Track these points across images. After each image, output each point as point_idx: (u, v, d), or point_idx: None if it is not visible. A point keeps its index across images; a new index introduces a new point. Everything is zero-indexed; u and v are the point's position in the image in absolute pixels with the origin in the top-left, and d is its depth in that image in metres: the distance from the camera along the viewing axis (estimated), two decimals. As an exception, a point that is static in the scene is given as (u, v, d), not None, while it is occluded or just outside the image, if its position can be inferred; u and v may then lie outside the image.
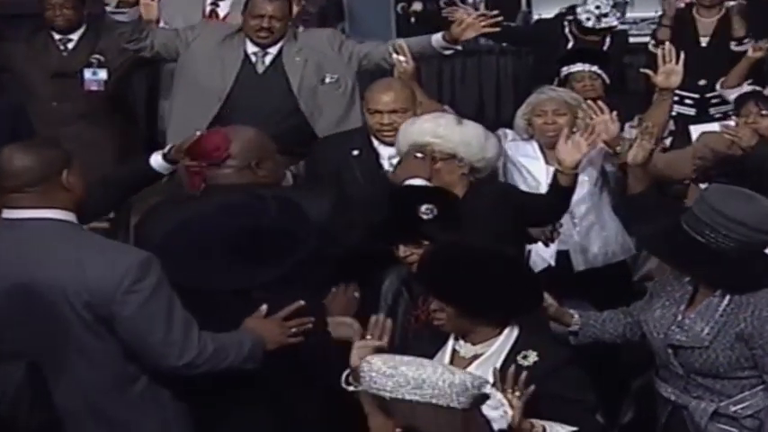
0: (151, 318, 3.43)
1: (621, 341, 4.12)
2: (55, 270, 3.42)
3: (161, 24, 6.15)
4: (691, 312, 3.80)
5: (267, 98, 5.71)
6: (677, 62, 5.30)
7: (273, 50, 5.83)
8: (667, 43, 5.56)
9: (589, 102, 5.26)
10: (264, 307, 3.64)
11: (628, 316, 4.10)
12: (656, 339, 3.85)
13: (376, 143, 5.09)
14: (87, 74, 6.42)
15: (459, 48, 5.98)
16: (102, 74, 6.39)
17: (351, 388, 3.31)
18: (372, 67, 5.91)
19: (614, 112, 5.11)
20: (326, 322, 3.82)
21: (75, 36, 6.50)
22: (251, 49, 5.82)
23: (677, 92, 5.88)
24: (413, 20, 7.68)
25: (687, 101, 7.06)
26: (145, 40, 5.83)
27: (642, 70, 5.68)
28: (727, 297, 3.74)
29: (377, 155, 5.07)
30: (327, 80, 5.81)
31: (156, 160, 4.36)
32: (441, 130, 4.51)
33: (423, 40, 5.84)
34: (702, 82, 7.05)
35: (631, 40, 7.50)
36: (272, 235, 3.63)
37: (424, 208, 4.03)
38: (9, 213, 3.54)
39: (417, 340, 3.86)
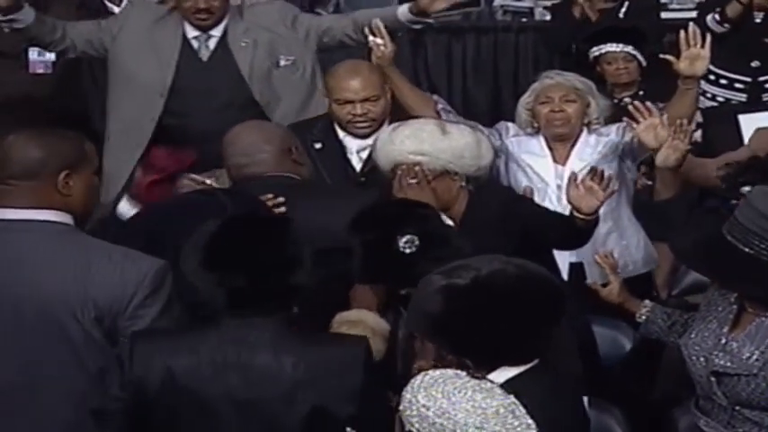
0: None
1: None
2: (57, 281, 3.10)
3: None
4: (737, 334, 3.55)
5: (216, 89, 5.18)
6: (703, 45, 4.91)
7: (217, 32, 5.23)
8: (691, 24, 5.09)
9: (636, 103, 4.84)
10: None
11: None
12: (696, 365, 3.60)
13: (342, 134, 4.78)
14: (33, 54, 5.84)
15: (432, 21, 5.45)
16: (50, 54, 5.74)
17: None
18: (335, 44, 5.37)
19: (665, 116, 4.66)
20: None
21: None
22: (191, 33, 5.21)
23: (726, 74, 5.45)
24: None
25: (737, 85, 6.57)
26: (63, 41, 5.28)
27: (662, 56, 5.26)
28: (780, 318, 3.49)
29: (342, 148, 4.76)
30: (282, 63, 5.23)
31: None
32: (425, 146, 4.15)
33: (387, 12, 5.32)
34: (756, 63, 6.53)
35: (669, 15, 7.04)
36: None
37: (403, 241, 3.53)
38: None
39: None
